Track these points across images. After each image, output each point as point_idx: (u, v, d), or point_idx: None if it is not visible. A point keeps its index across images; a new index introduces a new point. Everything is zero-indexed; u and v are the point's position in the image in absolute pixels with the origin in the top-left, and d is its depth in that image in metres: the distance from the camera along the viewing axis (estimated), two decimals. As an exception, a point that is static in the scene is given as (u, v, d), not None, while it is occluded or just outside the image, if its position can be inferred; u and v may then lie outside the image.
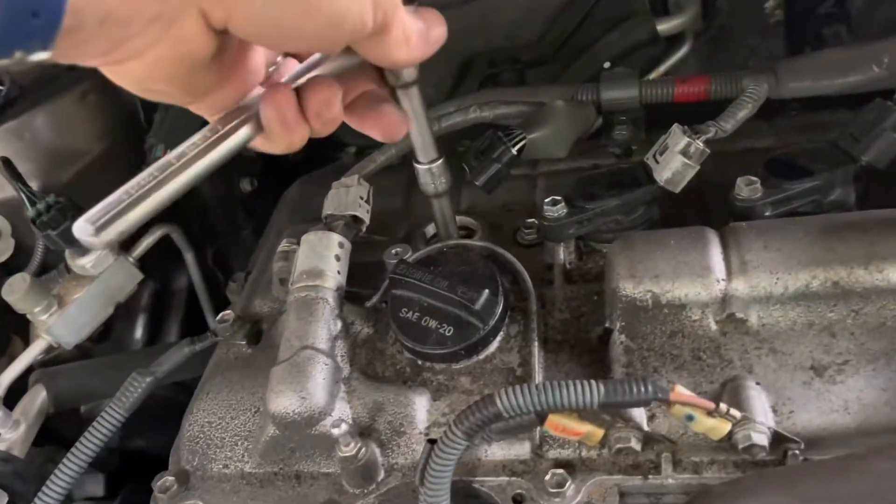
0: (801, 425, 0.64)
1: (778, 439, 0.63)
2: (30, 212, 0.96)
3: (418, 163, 0.85)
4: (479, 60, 1.27)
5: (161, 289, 1.36)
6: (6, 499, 0.88)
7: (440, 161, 0.85)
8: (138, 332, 1.32)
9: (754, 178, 0.79)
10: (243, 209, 1.43)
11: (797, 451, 0.62)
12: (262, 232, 1.28)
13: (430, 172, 0.85)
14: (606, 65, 1.17)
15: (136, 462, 1.19)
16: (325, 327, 0.77)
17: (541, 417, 0.64)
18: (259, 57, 0.53)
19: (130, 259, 1.08)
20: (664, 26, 1.15)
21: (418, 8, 0.59)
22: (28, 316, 1.01)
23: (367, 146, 1.31)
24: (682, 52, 1.19)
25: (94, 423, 0.82)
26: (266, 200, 1.42)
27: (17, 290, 0.96)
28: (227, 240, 1.44)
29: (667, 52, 1.19)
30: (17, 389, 1.05)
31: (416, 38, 0.54)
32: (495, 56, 1.26)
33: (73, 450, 0.80)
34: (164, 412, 1.06)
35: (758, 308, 0.70)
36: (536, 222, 0.91)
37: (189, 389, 1.19)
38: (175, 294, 1.38)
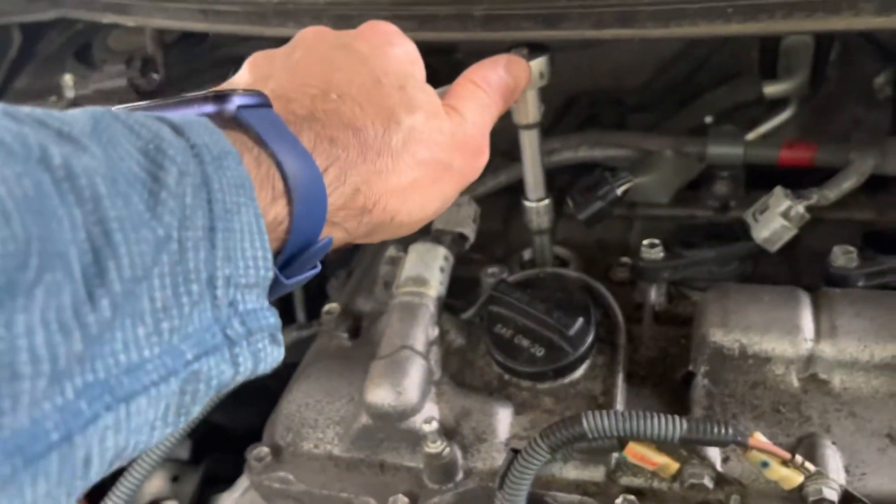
0: (871, 488, 0.66)
1: (847, 498, 0.65)
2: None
3: (527, 200, 0.91)
4: (582, 100, 1.32)
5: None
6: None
7: (548, 200, 0.91)
8: (232, 316, 1.41)
9: (851, 248, 0.81)
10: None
11: (865, 513, 0.65)
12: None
13: (537, 210, 0.91)
14: (708, 119, 1.21)
15: (213, 435, 1.27)
16: (423, 331, 0.83)
17: (621, 443, 0.68)
18: None
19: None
20: (771, 89, 1.18)
21: (501, 58, 0.65)
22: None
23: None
24: (784, 116, 1.21)
25: (203, 390, 0.89)
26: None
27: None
28: (324, 239, 1.52)
29: (768, 114, 1.21)
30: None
31: (495, 101, 0.61)
32: (598, 97, 1.31)
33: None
34: (245, 392, 1.13)
35: (842, 372, 0.73)
36: (630, 262, 0.96)
37: (270, 374, 1.27)
38: (270, 284, 1.47)
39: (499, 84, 0.62)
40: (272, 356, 0.38)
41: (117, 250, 0.28)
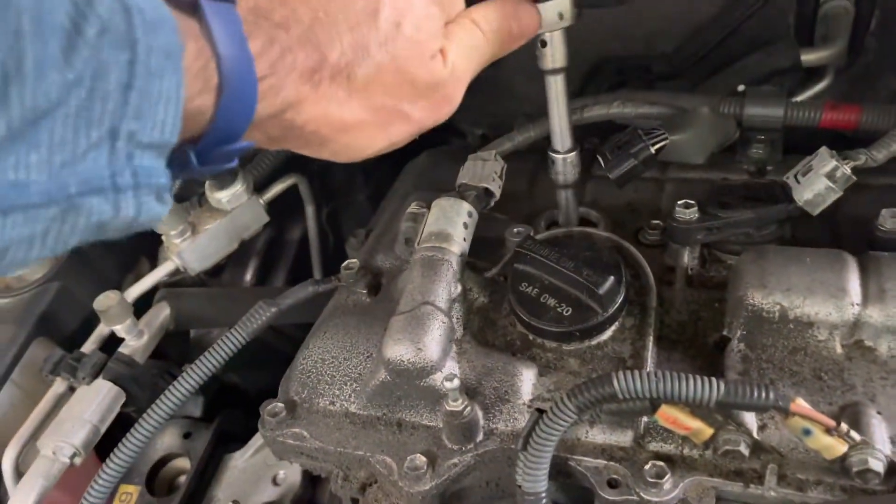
0: (920, 461, 0.63)
1: (893, 470, 0.62)
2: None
3: (554, 151, 0.87)
4: (610, 66, 1.27)
5: (276, 237, 1.42)
6: (124, 398, 0.94)
7: (575, 152, 0.87)
8: (248, 275, 1.39)
9: (901, 212, 0.77)
10: (363, 175, 1.48)
11: (911, 486, 0.62)
12: (376, 199, 1.33)
13: (564, 162, 0.88)
14: (741, 88, 1.15)
15: (227, 395, 1.25)
16: (446, 288, 0.79)
17: (653, 406, 0.65)
18: None
19: (261, 201, 1.14)
20: (808, 56, 1.12)
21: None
22: (163, 237, 1.07)
23: (488, 134, 1.34)
24: (821, 86, 1.16)
25: (217, 344, 0.87)
26: (384, 171, 1.47)
27: (160, 211, 1.02)
28: (342, 201, 1.50)
29: (803, 85, 1.16)
30: (140, 306, 1.12)
31: (490, 44, 0.58)
32: (626, 63, 1.26)
33: (195, 364, 0.85)
34: (261, 354, 1.11)
35: (889, 338, 0.69)
36: (661, 224, 0.92)
37: (285, 336, 1.25)
38: (287, 245, 1.44)
39: (500, 27, 0.59)
40: (154, 211, 0.40)
41: (24, 81, 0.32)
